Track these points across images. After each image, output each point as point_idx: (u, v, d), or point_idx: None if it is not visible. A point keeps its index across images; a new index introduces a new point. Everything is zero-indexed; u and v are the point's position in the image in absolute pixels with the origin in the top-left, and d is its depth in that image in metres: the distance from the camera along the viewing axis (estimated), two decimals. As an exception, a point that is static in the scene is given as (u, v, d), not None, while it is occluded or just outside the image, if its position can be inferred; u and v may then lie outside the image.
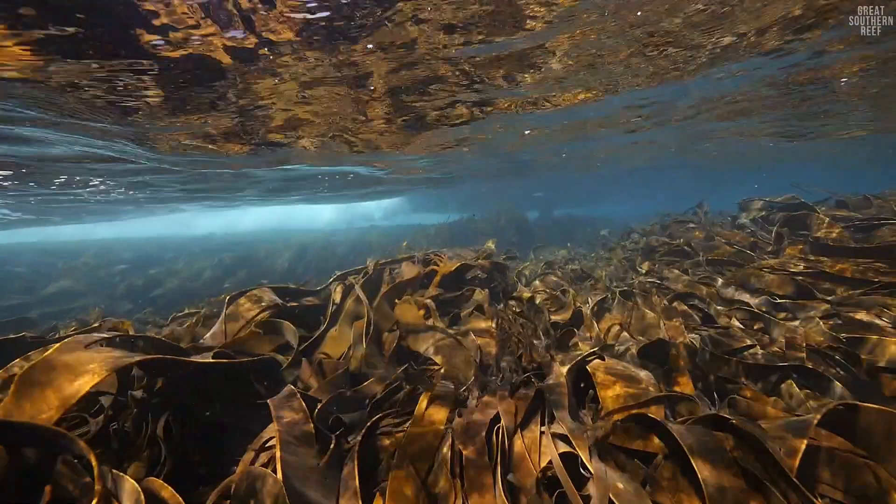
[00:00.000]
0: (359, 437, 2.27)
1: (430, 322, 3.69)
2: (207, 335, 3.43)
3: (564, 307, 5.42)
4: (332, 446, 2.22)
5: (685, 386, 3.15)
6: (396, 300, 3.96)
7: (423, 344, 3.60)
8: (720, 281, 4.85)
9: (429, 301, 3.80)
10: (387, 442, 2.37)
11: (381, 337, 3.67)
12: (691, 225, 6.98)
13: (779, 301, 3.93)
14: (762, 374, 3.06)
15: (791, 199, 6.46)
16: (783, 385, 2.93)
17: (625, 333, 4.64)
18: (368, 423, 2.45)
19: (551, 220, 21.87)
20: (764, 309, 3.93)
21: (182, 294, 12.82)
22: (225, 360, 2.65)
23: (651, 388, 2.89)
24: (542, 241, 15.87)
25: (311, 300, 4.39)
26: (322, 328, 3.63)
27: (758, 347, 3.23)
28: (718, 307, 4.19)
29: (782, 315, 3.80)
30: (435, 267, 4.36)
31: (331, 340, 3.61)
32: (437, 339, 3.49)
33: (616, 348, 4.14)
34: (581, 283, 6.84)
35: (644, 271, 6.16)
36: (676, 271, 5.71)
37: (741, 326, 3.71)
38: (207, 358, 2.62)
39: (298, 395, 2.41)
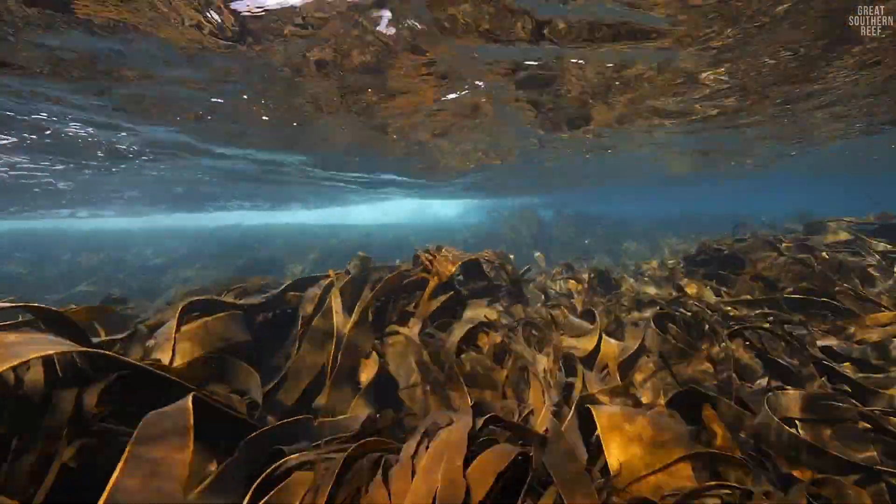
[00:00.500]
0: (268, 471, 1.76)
1: (409, 354, 3.10)
2: (153, 342, 2.96)
3: (587, 333, 4.55)
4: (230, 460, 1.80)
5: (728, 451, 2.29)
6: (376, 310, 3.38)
7: (402, 381, 3.03)
8: (802, 322, 3.73)
9: (414, 336, 3.17)
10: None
11: (356, 364, 3.04)
12: (746, 244, 5.78)
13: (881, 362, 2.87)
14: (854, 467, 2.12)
15: (889, 219, 5.15)
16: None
17: (654, 373, 3.73)
18: (284, 459, 1.91)
19: (562, 217, 21.39)
20: (860, 370, 2.87)
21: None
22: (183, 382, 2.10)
23: (677, 452, 2.10)
24: (559, 242, 15.17)
25: (290, 300, 3.86)
26: (286, 364, 3.04)
27: (849, 423, 2.27)
28: (795, 359, 3.15)
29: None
30: (425, 275, 3.70)
31: (295, 372, 3.02)
32: (413, 379, 2.90)
33: (640, 393, 3.29)
34: (610, 295, 5.86)
35: (690, 294, 5.12)
36: (728, 303, 4.66)
37: (831, 389, 2.69)
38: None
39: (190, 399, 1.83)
